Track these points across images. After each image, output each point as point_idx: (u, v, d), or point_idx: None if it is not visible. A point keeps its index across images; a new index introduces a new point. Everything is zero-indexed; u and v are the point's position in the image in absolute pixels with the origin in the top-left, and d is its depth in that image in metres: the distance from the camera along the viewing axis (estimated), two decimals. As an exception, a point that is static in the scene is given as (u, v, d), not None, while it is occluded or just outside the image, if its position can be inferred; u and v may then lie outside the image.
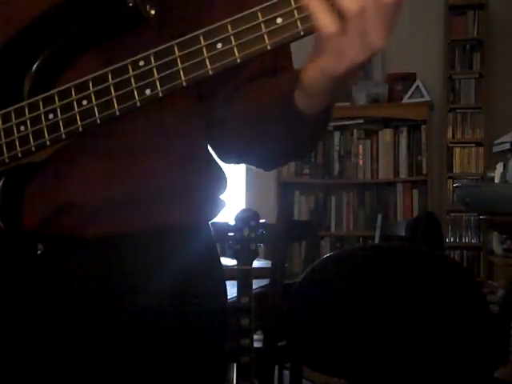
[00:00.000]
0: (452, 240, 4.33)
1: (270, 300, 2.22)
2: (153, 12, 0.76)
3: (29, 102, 0.80)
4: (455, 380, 1.76)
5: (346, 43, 0.68)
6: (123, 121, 0.82)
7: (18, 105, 0.81)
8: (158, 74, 0.75)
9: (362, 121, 4.50)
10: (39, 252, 0.86)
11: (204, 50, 0.73)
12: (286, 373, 2.67)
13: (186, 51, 0.73)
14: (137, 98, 0.76)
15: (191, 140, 0.92)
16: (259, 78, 0.88)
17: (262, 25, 0.70)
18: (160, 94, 0.75)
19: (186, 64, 0.73)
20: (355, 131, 4.53)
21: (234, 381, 1.73)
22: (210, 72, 0.73)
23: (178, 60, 0.74)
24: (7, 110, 0.82)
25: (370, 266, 1.81)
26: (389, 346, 1.76)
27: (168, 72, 0.74)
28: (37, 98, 0.80)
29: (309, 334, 1.86)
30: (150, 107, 0.79)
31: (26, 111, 0.80)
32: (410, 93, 4.38)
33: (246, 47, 0.71)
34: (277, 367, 2.58)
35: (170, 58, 0.74)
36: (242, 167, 4.61)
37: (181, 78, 0.74)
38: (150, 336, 0.87)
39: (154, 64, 0.75)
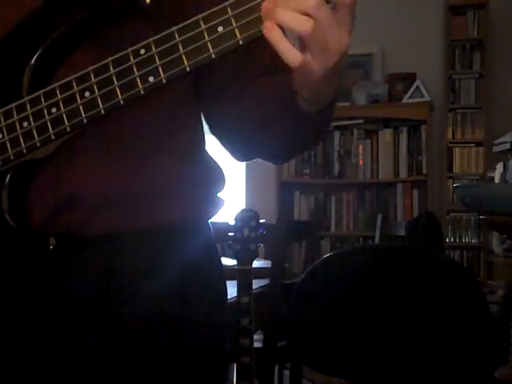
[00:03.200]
0: (452, 240, 4.33)
1: (269, 300, 2.22)
2: (148, 0, 0.76)
3: (30, 97, 0.80)
4: (455, 380, 1.76)
5: (312, 60, 0.68)
6: (122, 119, 0.82)
7: (19, 101, 0.81)
8: (159, 60, 0.74)
9: (362, 121, 4.49)
10: (51, 247, 0.86)
11: (205, 33, 0.72)
12: (286, 373, 2.67)
13: (187, 36, 0.72)
14: (140, 85, 0.75)
15: (188, 138, 0.93)
16: (260, 76, 0.89)
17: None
18: (164, 81, 0.75)
19: (188, 49, 0.73)
20: (355, 131, 4.53)
21: (234, 381, 1.73)
22: (213, 56, 0.72)
23: (180, 45, 0.73)
24: (8, 107, 0.82)
25: (370, 266, 1.81)
26: (389, 346, 1.76)
27: (170, 58, 0.74)
28: (38, 93, 0.80)
29: (309, 334, 1.86)
30: (148, 106, 0.79)
31: (28, 107, 0.80)
32: (410, 93, 4.38)
33: (247, 28, 0.70)
34: (277, 367, 2.57)
35: (171, 43, 0.73)
36: (242, 167, 4.60)
37: (184, 63, 0.73)
38: (150, 335, 0.87)
39: (155, 51, 0.74)
